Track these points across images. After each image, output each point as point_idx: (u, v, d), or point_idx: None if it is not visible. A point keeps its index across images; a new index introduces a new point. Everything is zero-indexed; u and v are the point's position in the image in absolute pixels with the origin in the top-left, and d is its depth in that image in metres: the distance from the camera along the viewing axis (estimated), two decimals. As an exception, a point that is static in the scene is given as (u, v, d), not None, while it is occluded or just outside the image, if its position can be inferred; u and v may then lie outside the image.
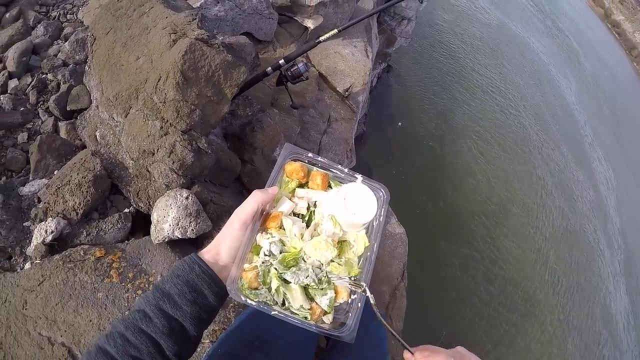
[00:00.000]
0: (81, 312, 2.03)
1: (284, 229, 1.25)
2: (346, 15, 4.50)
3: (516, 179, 8.94)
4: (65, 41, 3.18)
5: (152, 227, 2.33)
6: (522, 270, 7.66)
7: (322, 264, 1.21)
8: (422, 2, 4.33)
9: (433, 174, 7.73)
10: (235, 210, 1.20)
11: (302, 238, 1.23)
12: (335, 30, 3.21)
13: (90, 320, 2.02)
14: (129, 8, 2.80)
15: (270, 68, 3.08)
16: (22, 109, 2.83)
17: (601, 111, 15.89)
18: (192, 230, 2.30)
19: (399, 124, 7.98)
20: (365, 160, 6.70)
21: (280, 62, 3.11)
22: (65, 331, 1.97)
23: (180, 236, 2.28)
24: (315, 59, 4.26)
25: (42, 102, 2.90)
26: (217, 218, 2.48)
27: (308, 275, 1.16)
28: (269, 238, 1.21)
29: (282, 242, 1.22)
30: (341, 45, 4.43)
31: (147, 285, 2.19)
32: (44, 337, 1.94)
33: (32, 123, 2.82)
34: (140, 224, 2.61)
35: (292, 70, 3.14)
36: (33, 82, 2.93)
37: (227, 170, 2.78)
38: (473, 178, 8.22)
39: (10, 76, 2.96)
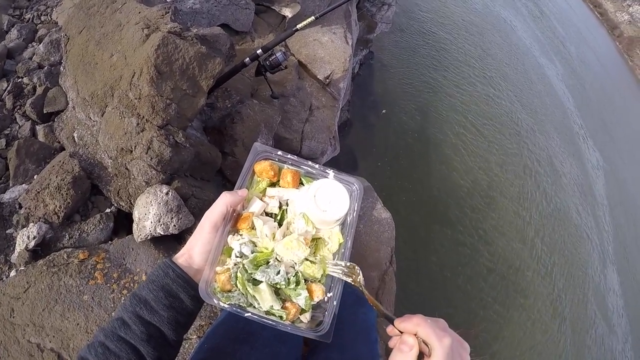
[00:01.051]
0: (68, 316, 2.02)
1: (255, 230, 1.24)
2: (324, 2, 4.48)
3: (500, 164, 8.99)
4: (40, 43, 3.15)
5: (134, 226, 2.31)
6: (510, 251, 7.72)
7: (295, 264, 1.19)
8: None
9: (418, 161, 7.76)
10: (205, 213, 1.21)
11: (274, 238, 1.22)
12: (313, 18, 3.19)
13: (78, 324, 2.01)
14: (101, 5, 2.77)
15: (248, 59, 3.05)
16: (-2, 114, 2.80)
17: (586, 94, 15.98)
18: (175, 226, 2.28)
19: (384, 111, 7.99)
20: (349, 147, 6.70)
21: (258, 52, 3.08)
22: (53, 336, 1.96)
23: (162, 233, 2.26)
24: (295, 47, 4.23)
25: (19, 107, 2.87)
26: (199, 212, 2.46)
27: (279, 272, 1.15)
28: (239, 240, 1.20)
29: (254, 243, 1.21)
30: (320, 32, 4.40)
31: (132, 285, 2.18)
32: (33, 344, 1.93)
33: (9, 129, 2.79)
34: (123, 223, 2.59)
35: (270, 59, 3.11)
36: (9, 87, 2.90)
37: (208, 163, 2.76)
38: (458, 163, 8.26)
39: (-15, 83, 2.93)
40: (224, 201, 1.19)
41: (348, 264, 1.21)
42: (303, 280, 1.17)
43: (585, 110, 14.34)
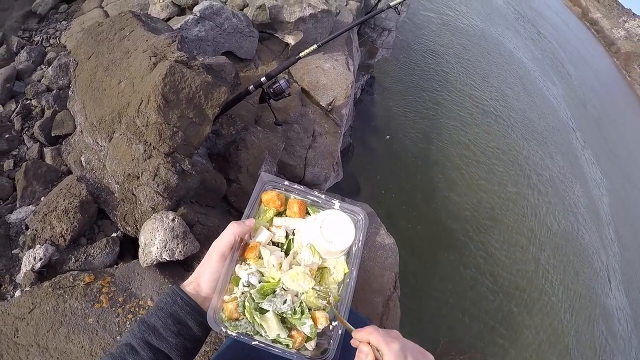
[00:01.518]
0: (72, 338, 2.03)
1: (262, 259, 1.27)
2: (326, 29, 4.54)
3: (503, 185, 8.99)
4: (49, 66, 3.20)
5: (140, 251, 2.34)
6: (515, 274, 7.69)
7: (299, 294, 1.22)
8: (399, 13, 4.34)
9: (420, 185, 7.75)
10: (213, 243, 1.23)
11: (280, 268, 1.24)
12: (315, 46, 3.24)
13: (82, 347, 2.02)
14: (110, 32, 2.82)
15: (252, 86, 3.10)
16: (7, 135, 2.84)
17: (587, 113, 16.01)
18: (180, 252, 2.31)
19: (387, 137, 8.00)
20: (352, 173, 6.72)
21: (262, 79, 3.13)
22: (57, 358, 1.97)
23: (168, 258, 2.29)
24: (297, 74, 4.29)
25: (27, 129, 2.92)
26: (205, 239, 2.50)
27: (285, 301, 1.17)
28: (247, 269, 1.23)
29: (261, 273, 1.23)
30: (322, 59, 4.47)
31: (137, 309, 2.20)
32: (37, 365, 1.95)
33: (17, 150, 2.84)
34: (129, 247, 2.62)
35: (274, 87, 3.16)
36: (17, 109, 2.95)
37: (213, 190, 2.80)
38: (461, 187, 8.25)
39: (-5, 103, 2.97)
40: (232, 231, 1.22)
41: (321, 288, 1.25)
42: (307, 310, 1.19)
43: (587, 129, 14.38)
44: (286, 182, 1.38)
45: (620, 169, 14.94)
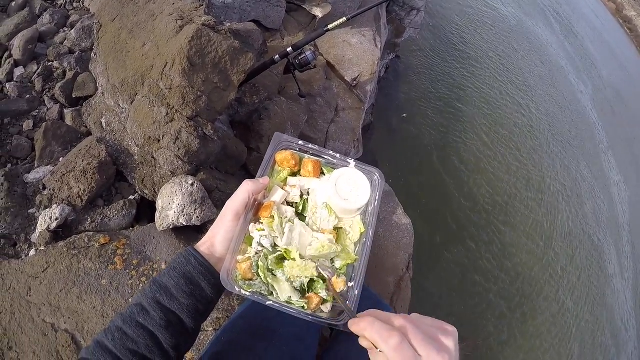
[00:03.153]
0: (85, 298, 2.03)
1: (279, 217, 1.23)
2: (355, 4, 4.47)
3: (523, 176, 8.86)
4: (72, 29, 3.16)
5: (157, 214, 2.32)
6: (530, 264, 7.61)
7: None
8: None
9: (438, 167, 7.68)
10: (227, 202, 1.20)
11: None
12: (344, 19, 3.19)
13: (94, 307, 2.01)
14: (135, -6, 2.79)
15: (277, 56, 3.05)
16: (27, 96, 2.81)
17: (614, 113, 15.74)
18: (197, 217, 2.28)
19: (404, 115, 7.93)
20: (372, 151, 6.65)
21: (288, 49, 3.08)
22: (69, 318, 1.97)
23: (185, 223, 2.26)
24: (324, 47, 4.23)
25: (47, 90, 2.89)
26: (223, 205, 2.46)
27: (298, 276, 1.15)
28: (260, 229, 1.19)
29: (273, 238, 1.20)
30: (350, 34, 4.40)
31: (151, 272, 2.18)
32: (48, 324, 1.94)
33: (37, 111, 2.81)
34: (145, 211, 2.60)
35: (299, 58, 3.11)
36: (39, 70, 2.92)
37: (233, 157, 2.77)
38: (479, 174, 8.16)
39: (16, 64, 2.95)
40: (246, 189, 1.18)
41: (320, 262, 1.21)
42: (322, 281, 1.16)
43: (612, 129, 14.16)
44: (300, 142, 1.36)
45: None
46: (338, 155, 1.36)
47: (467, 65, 10.35)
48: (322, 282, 1.16)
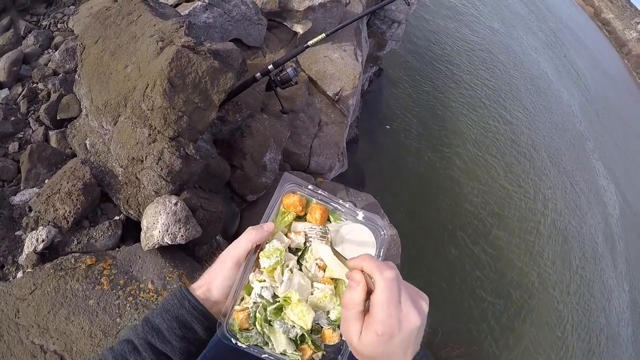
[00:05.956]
0: (73, 319, 2.04)
1: (280, 267, 1.23)
2: (335, 19, 4.52)
3: (508, 183, 8.95)
4: (56, 50, 3.20)
5: (142, 234, 2.35)
6: (516, 268, 7.67)
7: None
8: (409, 4, 4.32)
9: (424, 178, 7.73)
10: (229, 247, 1.17)
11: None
12: (323, 35, 3.23)
13: (82, 328, 2.03)
14: (117, 16, 2.81)
15: (259, 73, 3.09)
16: (12, 118, 2.84)
17: (596, 113, 15.89)
18: (182, 236, 2.31)
19: (387, 126, 7.98)
20: (357, 163, 6.69)
21: (269, 67, 3.12)
22: (57, 339, 1.98)
23: (170, 242, 2.29)
24: (305, 63, 4.28)
25: (32, 112, 2.92)
26: (207, 224, 2.50)
27: (293, 327, 1.16)
28: (260, 280, 1.20)
29: (274, 289, 1.21)
30: (331, 49, 4.45)
31: (138, 292, 2.20)
32: (37, 345, 1.95)
33: (22, 132, 2.84)
34: (131, 231, 2.63)
35: (281, 75, 3.15)
36: (24, 92, 2.95)
37: (217, 176, 2.80)
38: (465, 183, 8.22)
39: (1, 86, 2.98)
40: (249, 238, 1.14)
41: (322, 227, 1.23)
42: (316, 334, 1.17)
43: (599, 136, 14.28)
44: (310, 186, 1.32)
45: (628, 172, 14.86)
46: (347, 205, 1.35)
47: (449, 75, 10.44)
48: (314, 335, 1.17)
